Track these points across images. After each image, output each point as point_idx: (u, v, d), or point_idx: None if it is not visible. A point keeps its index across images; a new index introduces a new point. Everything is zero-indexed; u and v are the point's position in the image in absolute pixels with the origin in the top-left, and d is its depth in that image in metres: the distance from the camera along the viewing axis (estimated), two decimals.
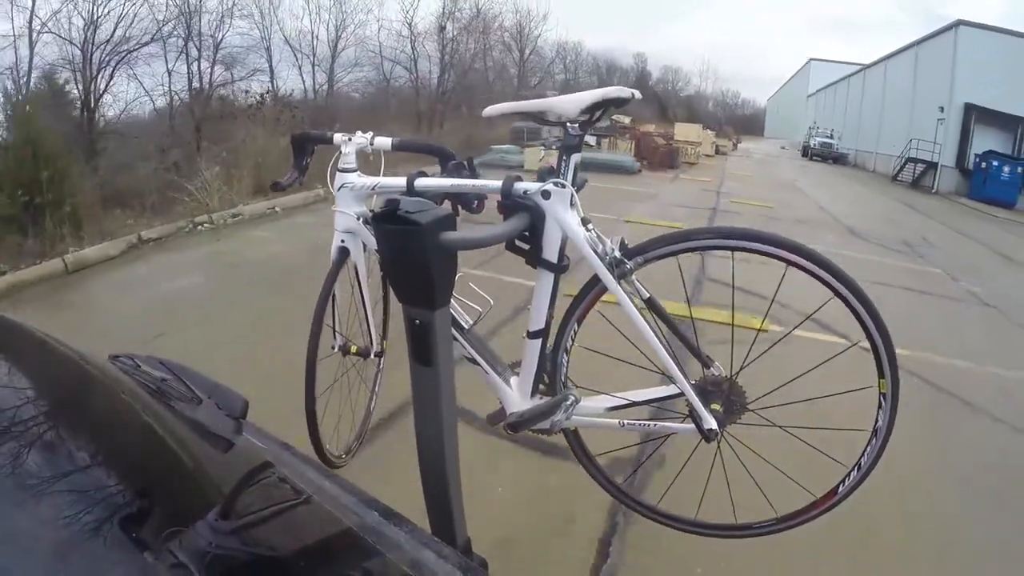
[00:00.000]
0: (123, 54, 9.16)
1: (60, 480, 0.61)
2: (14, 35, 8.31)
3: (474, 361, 1.35)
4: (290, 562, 0.63)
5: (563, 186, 1.19)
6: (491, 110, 1.33)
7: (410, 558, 0.66)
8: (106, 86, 8.65)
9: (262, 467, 0.75)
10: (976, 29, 16.46)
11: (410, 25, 14.46)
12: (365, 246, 1.54)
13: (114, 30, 8.89)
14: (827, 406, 1.37)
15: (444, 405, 0.99)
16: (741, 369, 1.27)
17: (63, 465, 0.65)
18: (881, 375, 1.21)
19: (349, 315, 1.66)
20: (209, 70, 10.48)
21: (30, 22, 8.29)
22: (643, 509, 1.47)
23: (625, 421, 1.33)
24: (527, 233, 1.21)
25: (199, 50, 10.06)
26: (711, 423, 1.23)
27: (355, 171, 1.53)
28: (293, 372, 1.55)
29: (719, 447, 1.28)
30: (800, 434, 1.31)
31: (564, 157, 1.22)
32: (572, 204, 1.21)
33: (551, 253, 1.22)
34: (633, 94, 1.21)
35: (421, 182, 1.32)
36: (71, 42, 8.68)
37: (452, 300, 1.24)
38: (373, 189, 1.49)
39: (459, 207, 1.33)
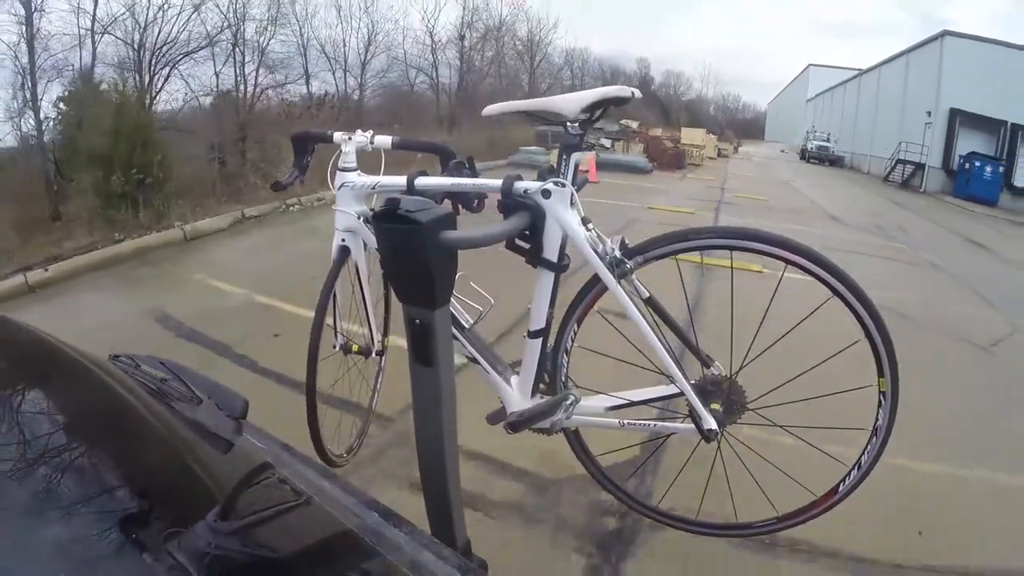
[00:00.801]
0: (177, 57, 10.24)
1: (59, 480, 0.61)
2: (79, 36, 9.23)
3: (475, 360, 1.34)
4: (289, 563, 0.63)
5: (563, 185, 1.19)
6: (491, 109, 1.33)
7: (410, 559, 0.66)
8: (161, 85, 9.72)
9: (262, 468, 0.75)
10: (961, 39, 17.82)
11: (431, 34, 15.70)
12: (366, 245, 1.54)
13: (167, 36, 10.00)
14: (828, 404, 1.37)
15: (444, 405, 0.98)
16: (740, 369, 1.27)
17: (62, 465, 0.65)
18: (881, 374, 1.21)
19: (350, 314, 1.66)
20: (254, 73, 11.67)
21: (92, 25, 9.26)
22: (644, 509, 1.47)
23: (625, 421, 1.33)
24: (527, 232, 1.20)
25: (242, 54, 11.29)
26: (711, 423, 1.22)
27: (355, 170, 1.52)
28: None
29: (719, 447, 1.28)
30: (800, 433, 1.31)
31: (564, 156, 1.21)
32: (572, 203, 1.21)
33: (551, 252, 1.22)
34: (633, 93, 1.21)
35: (421, 181, 1.32)
36: (129, 44, 9.66)
37: (452, 299, 1.24)
38: (374, 188, 1.48)
39: (459, 206, 1.33)
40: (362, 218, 1.50)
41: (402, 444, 1.93)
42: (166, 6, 9.85)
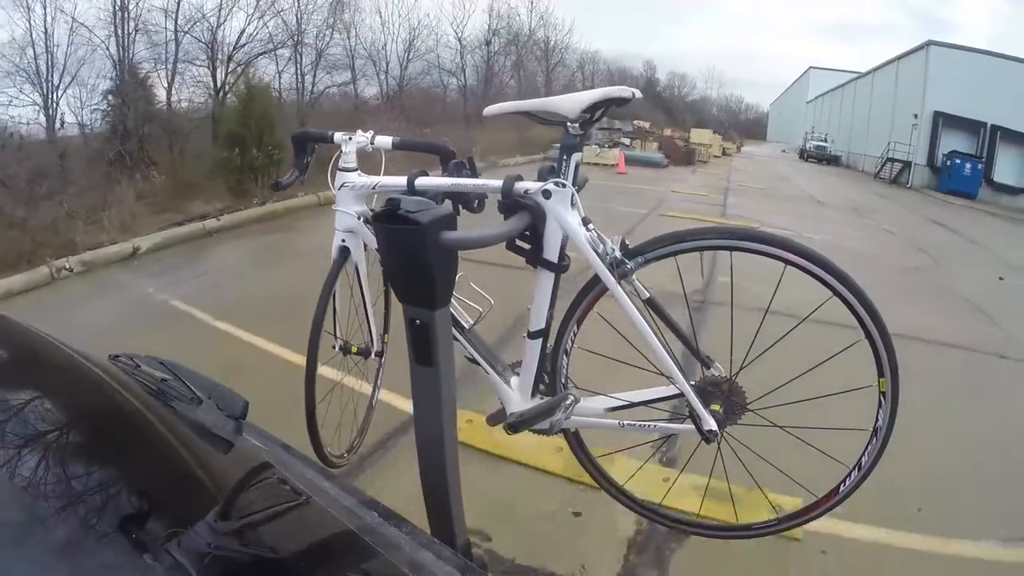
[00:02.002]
0: (249, 58, 11.82)
1: (59, 480, 0.61)
2: (165, 36, 10.75)
3: (475, 361, 1.34)
4: (289, 563, 0.63)
5: (564, 186, 1.18)
6: (492, 109, 1.33)
7: (409, 559, 0.66)
8: (234, 82, 10.96)
9: (262, 468, 0.75)
10: (944, 48, 19.83)
11: (460, 39, 17.65)
12: (366, 245, 1.54)
13: (238, 40, 11.60)
14: (828, 404, 1.37)
15: (444, 405, 0.98)
16: (741, 369, 1.27)
17: (63, 465, 0.65)
18: (881, 374, 1.20)
19: (350, 314, 1.66)
20: (312, 74, 13.50)
21: (175, 26, 10.74)
22: (644, 510, 1.46)
23: (625, 422, 1.32)
24: (528, 233, 1.20)
25: (300, 57, 13.08)
26: (711, 424, 1.22)
27: (355, 170, 1.52)
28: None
29: (719, 448, 1.28)
30: (801, 434, 1.31)
31: (564, 156, 1.21)
32: (573, 204, 1.21)
33: (552, 253, 1.22)
34: (633, 93, 1.21)
35: (422, 181, 1.32)
36: (205, 43, 11.13)
37: (452, 300, 1.24)
38: (374, 188, 1.48)
39: (460, 206, 1.33)
40: (362, 218, 1.50)
41: None
42: (235, 9, 11.46)
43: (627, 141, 17.40)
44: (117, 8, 9.72)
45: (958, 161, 18.20)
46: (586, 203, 1.24)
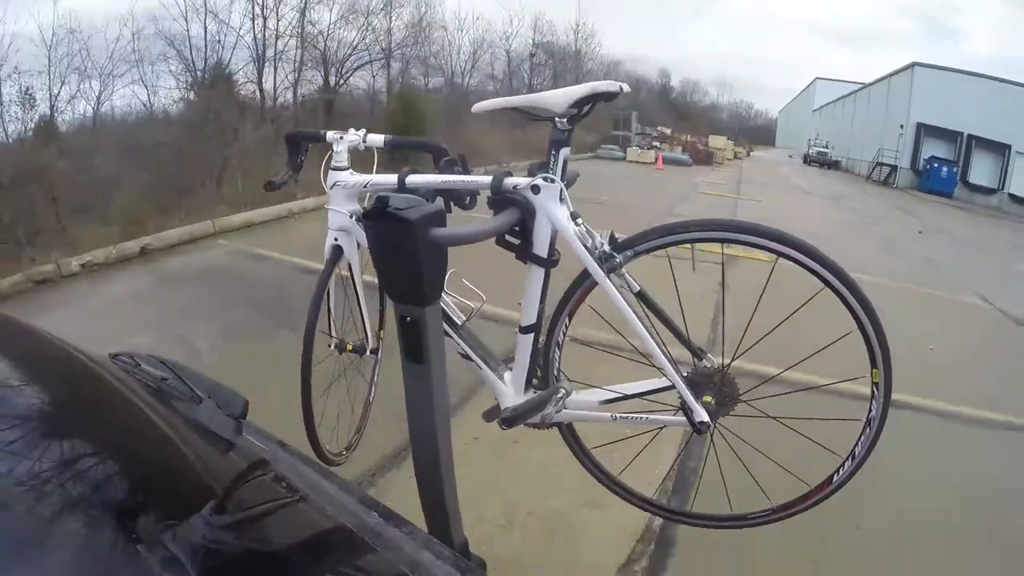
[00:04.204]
0: (356, 65, 14.34)
1: (58, 479, 0.61)
2: (293, 38, 12.94)
3: (468, 357, 1.35)
4: (285, 560, 0.64)
5: (553, 181, 1.19)
6: (481, 105, 1.33)
7: (408, 559, 0.66)
8: (341, 84, 13.56)
9: (260, 466, 0.76)
10: (927, 68, 23.93)
11: (508, 52, 21.22)
12: (359, 244, 1.55)
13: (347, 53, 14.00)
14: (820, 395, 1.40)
15: (437, 402, 0.99)
16: (732, 360, 1.28)
17: (61, 464, 0.66)
18: (873, 365, 1.21)
19: (344, 313, 1.67)
20: (399, 78, 16.23)
21: (301, 32, 12.98)
22: (638, 501, 1.48)
23: (617, 414, 1.33)
24: (517, 228, 1.21)
25: (388, 62, 15.70)
26: (702, 415, 1.23)
27: (347, 169, 1.53)
28: None
29: (711, 439, 1.29)
30: (794, 424, 1.32)
31: (553, 152, 1.21)
32: (562, 199, 1.21)
33: (541, 248, 1.22)
34: (621, 87, 1.21)
35: (412, 179, 1.33)
36: (318, 47, 13.39)
37: (444, 296, 1.25)
38: (366, 187, 1.49)
39: (451, 203, 1.33)
40: (354, 217, 1.51)
41: None
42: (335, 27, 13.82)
43: (658, 144, 21.66)
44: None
45: (936, 165, 22.21)
46: (658, 183, 1.27)
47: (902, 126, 23.79)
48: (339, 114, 12.27)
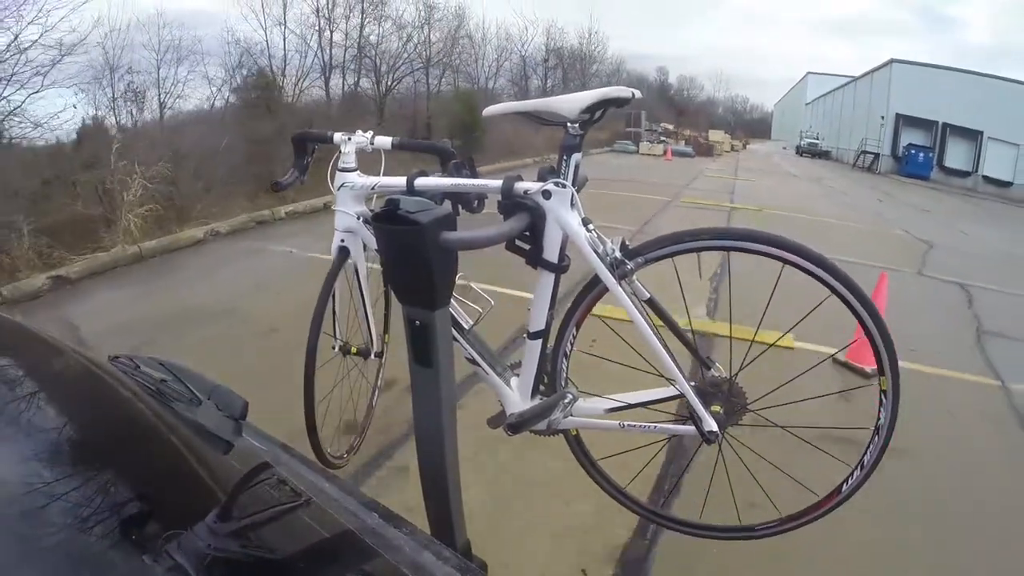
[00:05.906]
0: (406, 74, 15.75)
1: (59, 481, 0.61)
2: (339, 45, 14.02)
3: (474, 362, 1.34)
4: (289, 564, 0.63)
5: (564, 186, 1.18)
6: (492, 109, 1.32)
7: (410, 560, 0.66)
8: (391, 88, 15.04)
9: (262, 469, 0.75)
10: (905, 64, 26.17)
11: (523, 57, 22.40)
12: (365, 246, 1.54)
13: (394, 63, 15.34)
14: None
15: (444, 406, 0.98)
16: (740, 370, 1.27)
17: (62, 466, 0.65)
18: (881, 372, 1.20)
19: (350, 315, 1.66)
20: (438, 81, 17.42)
21: (360, 41, 14.31)
22: (646, 512, 1.46)
23: (626, 423, 1.32)
24: (528, 233, 1.20)
25: (427, 67, 16.72)
26: (711, 425, 1.22)
27: (355, 170, 1.52)
28: None
29: (720, 449, 1.28)
30: (802, 434, 1.31)
31: (564, 157, 1.20)
32: (573, 204, 1.20)
33: (551, 253, 1.21)
34: (633, 94, 1.20)
35: (421, 181, 1.32)
36: (372, 58, 14.66)
37: (452, 300, 1.24)
38: (373, 188, 1.48)
39: (460, 207, 1.32)
40: (361, 219, 1.50)
41: None
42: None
43: (665, 139, 24.27)
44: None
45: (913, 151, 24.47)
46: (671, 169, 1.27)
47: (883, 117, 26.18)
48: (389, 115, 13.96)
